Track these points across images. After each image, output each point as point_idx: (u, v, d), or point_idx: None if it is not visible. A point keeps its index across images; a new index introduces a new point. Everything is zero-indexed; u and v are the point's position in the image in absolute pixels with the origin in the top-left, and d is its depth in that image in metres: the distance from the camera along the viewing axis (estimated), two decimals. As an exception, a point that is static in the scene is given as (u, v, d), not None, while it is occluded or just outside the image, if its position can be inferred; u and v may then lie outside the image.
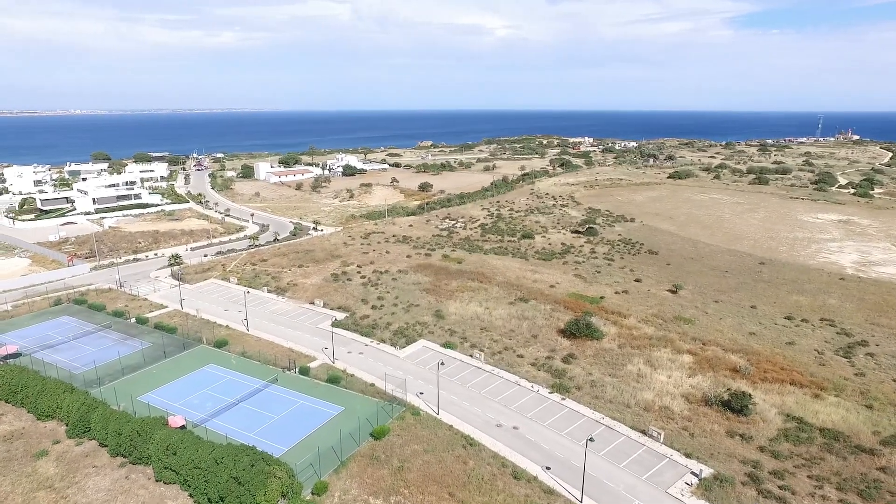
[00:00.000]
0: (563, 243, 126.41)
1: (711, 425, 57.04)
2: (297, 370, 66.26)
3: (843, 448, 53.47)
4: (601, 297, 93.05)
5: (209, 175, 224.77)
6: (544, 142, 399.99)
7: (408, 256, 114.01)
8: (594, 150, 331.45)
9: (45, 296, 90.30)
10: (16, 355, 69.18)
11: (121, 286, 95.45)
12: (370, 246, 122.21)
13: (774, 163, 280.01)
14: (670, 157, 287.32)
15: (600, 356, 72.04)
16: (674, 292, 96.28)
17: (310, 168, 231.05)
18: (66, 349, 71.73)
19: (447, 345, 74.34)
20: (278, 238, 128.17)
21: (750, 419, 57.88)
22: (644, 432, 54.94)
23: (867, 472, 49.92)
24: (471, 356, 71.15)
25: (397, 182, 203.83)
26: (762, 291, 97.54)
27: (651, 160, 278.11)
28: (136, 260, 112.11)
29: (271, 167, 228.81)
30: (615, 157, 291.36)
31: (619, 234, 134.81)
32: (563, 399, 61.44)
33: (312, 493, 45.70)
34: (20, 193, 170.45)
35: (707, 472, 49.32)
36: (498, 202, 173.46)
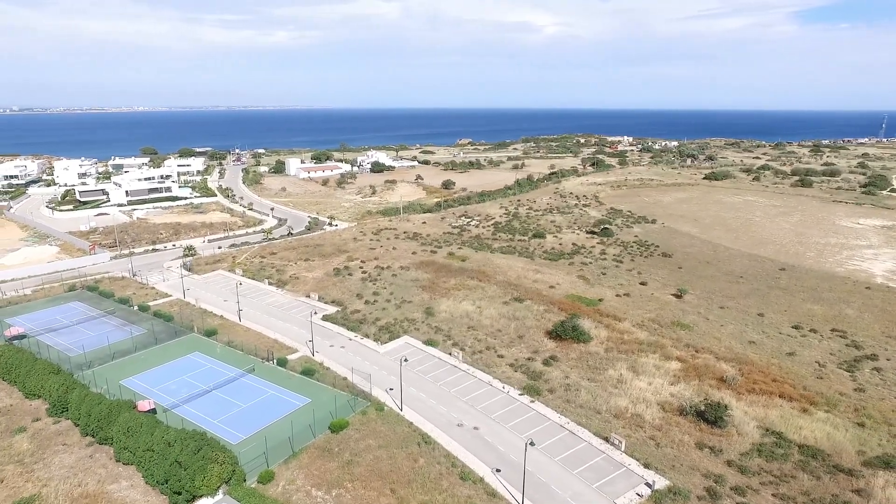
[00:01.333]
0: (574, 244, 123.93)
1: (682, 436, 54.81)
2: (274, 361, 67.70)
3: (820, 467, 50.36)
4: (600, 300, 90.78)
5: (242, 170, 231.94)
6: (581, 140, 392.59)
7: (413, 253, 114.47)
8: (632, 150, 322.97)
9: (63, 282, 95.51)
10: (22, 336, 73.60)
11: (133, 275, 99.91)
12: (379, 242, 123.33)
13: (824, 164, 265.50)
14: (710, 158, 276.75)
15: (584, 359, 70.36)
16: (678, 297, 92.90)
17: (339, 164, 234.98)
18: (67, 333, 75.75)
19: (429, 342, 74.27)
20: (292, 232, 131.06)
21: (725, 431, 55.30)
22: (606, 439, 53.37)
23: (840, 494, 46.86)
24: (449, 354, 70.86)
25: (422, 179, 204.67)
26: (775, 299, 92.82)
27: (689, 160, 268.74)
28: (154, 250, 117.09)
29: (301, 163, 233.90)
30: (652, 157, 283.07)
31: (636, 236, 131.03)
32: (532, 402, 60.37)
33: (258, 482, 46.67)
34: (65, 185, 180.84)
35: (662, 483, 47.49)
36: (519, 201, 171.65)
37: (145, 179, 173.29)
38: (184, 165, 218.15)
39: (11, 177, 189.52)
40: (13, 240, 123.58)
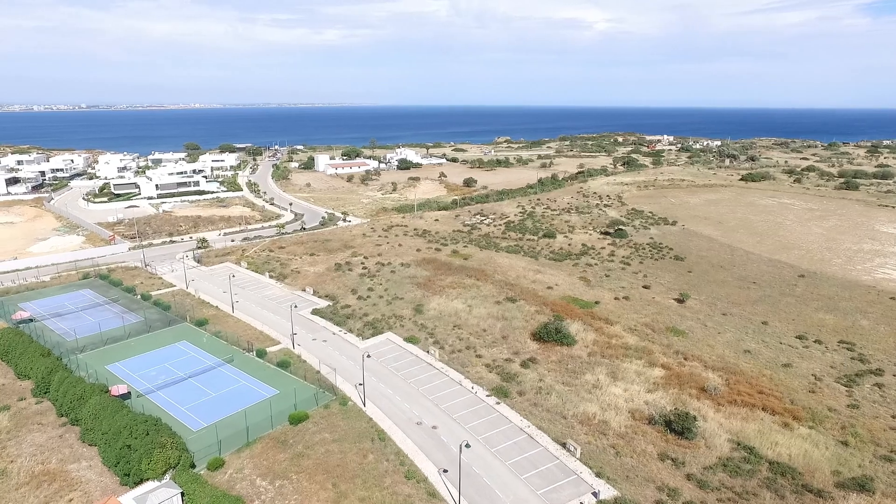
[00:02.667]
0: (583, 244, 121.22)
1: (646, 445, 52.87)
2: (254, 352, 69.23)
3: (788, 485, 47.60)
4: (596, 302, 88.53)
5: (273, 165, 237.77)
6: (619, 139, 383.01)
7: (417, 250, 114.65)
8: (669, 149, 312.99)
9: (79, 270, 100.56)
10: (29, 320, 77.99)
11: (145, 265, 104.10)
12: (387, 238, 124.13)
13: (878, 166, 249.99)
14: (752, 158, 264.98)
15: (563, 363, 68.84)
16: (680, 302, 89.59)
17: (366, 161, 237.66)
18: (72, 318, 79.74)
19: (410, 339, 74.29)
20: (305, 227, 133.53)
21: (692, 443, 53.02)
22: (564, 445, 52.05)
23: (801, 516, 44.19)
24: (427, 352, 70.67)
25: (445, 177, 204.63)
26: (785, 307, 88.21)
27: (727, 160, 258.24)
28: (171, 242, 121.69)
29: (330, 159, 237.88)
30: (689, 157, 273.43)
31: (651, 238, 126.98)
32: (498, 403, 59.50)
33: (207, 468, 47.89)
34: (104, 178, 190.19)
35: (610, 494, 45.97)
36: (538, 200, 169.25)
37: (178, 174, 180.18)
38: (218, 161, 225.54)
39: (57, 170, 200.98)
40: (47, 229, 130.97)
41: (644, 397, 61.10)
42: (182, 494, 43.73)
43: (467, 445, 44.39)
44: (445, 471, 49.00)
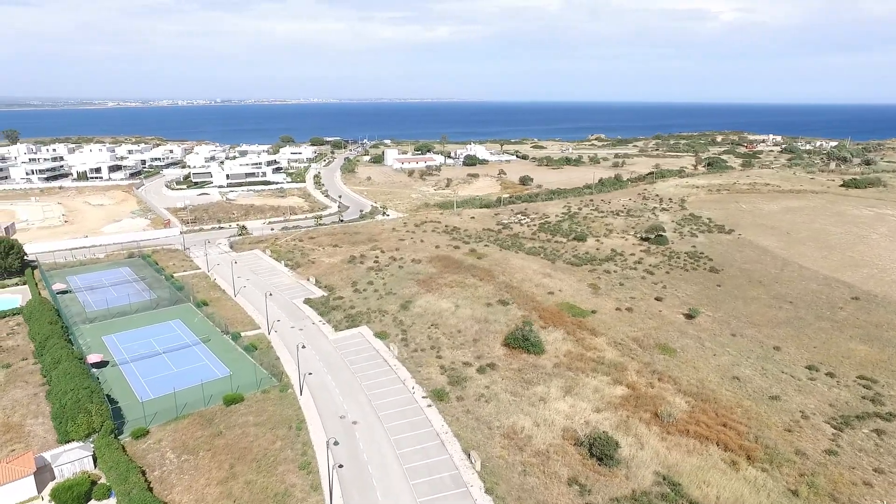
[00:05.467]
0: (613, 249, 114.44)
1: (560, 467, 49.63)
2: (230, 335, 73.73)
3: (697, 531, 42.57)
4: (592, 311, 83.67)
5: (345, 159, 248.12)
6: (719, 138, 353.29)
7: (436, 247, 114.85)
8: (771, 150, 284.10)
9: (127, 250, 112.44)
10: (65, 292, 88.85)
11: (185, 248, 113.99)
12: (413, 234, 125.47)
13: None
14: (867, 162, 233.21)
15: (523, 371, 66.21)
16: (689, 317, 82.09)
17: (433, 157, 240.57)
18: (100, 292, 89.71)
19: (379, 334, 75.11)
20: (343, 219, 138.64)
21: (612, 471, 48.95)
22: (468, 456, 50.35)
23: (693, 566, 39.41)
24: (388, 348, 71.13)
25: (504, 174, 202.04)
26: (813, 332, 77.74)
27: (834, 164, 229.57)
28: (220, 228, 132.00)
29: (402, 154, 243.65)
30: (789, 159, 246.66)
31: (693, 246, 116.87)
32: (429, 406, 58.66)
33: (131, 436, 52.27)
34: (192, 167, 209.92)
35: (489, 511, 43.89)
36: (591, 201, 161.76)
37: (249, 165, 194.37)
38: (296, 153, 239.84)
39: (156, 159, 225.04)
40: (125, 212, 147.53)
41: (587, 416, 57.22)
42: (94, 457, 48.17)
43: (336, 443, 44.50)
44: (341, 466, 49.33)
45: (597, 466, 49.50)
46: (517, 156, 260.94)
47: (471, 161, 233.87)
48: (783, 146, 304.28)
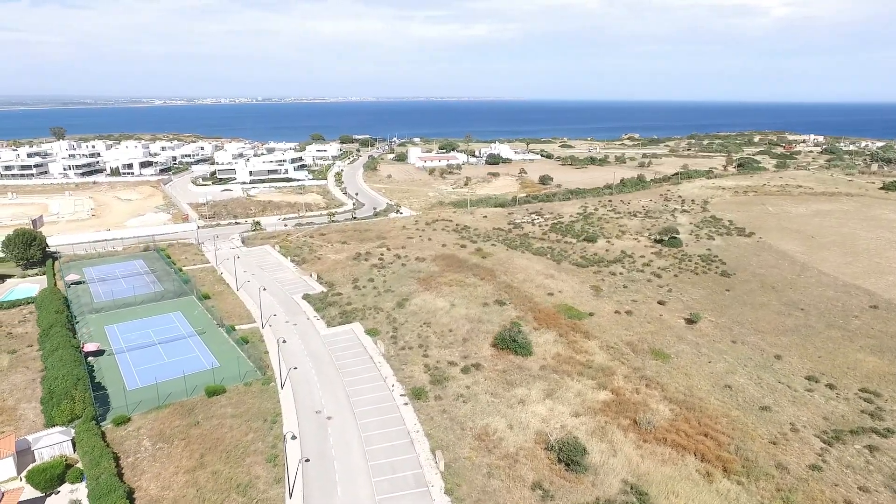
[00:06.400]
0: (623, 251, 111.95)
1: (527, 471, 48.92)
2: (224, 328, 75.40)
3: (656, 543, 41.28)
4: (590, 314, 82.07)
5: (369, 157, 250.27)
6: (756, 139, 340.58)
7: (443, 245, 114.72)
8: (811, 151, 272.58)
9: (143, 243, 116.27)
10: (79, 282, 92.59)
11: (199, 243, 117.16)
12: (423, 232, 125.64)
13: None
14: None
15: (507, 373, 65.53)
16: (691, 322, 79.65)
17: (456, 155, 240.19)
18: (111, 283, 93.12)
19: (370, 331, 75.53)
20: (356, 216, 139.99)
21: (579, 477, 47.95)
22: (435, 455, 50.13)
23: (645, 579, 38.23)
24: (375, 345, 71.47)
25: (525, 173, 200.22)
26: (820, 341, 74.30)
27: (876, 165, 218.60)
28: (236, 223, 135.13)
29: (426, 152, 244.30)
30: (828, 160, 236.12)
31: (708, 249, 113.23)
32: (406, 405, 58.70)
33: (112, 423, 54.07)
34: (219, 164, 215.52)
35: (444, 512, 43.59)
36: (610, 201, 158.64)
37: (272, 161, 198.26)
38: (321, 151, 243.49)
39: (186, 156, 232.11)
40: (149, 207, 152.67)
41: (564, 420, 56.18)
42: (74, 442, 50.07)
43: (293, 437, 44.92)
44: (307, 460, 49.99)
45: (563, 472, 48.55)
46: (542, 155, 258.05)
47: (494, 160, 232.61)
48: (824, 146, 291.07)
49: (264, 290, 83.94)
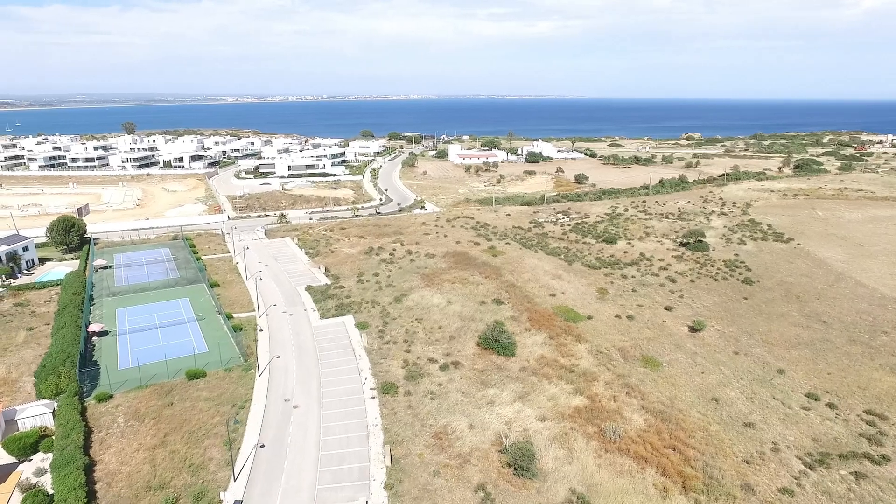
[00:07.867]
0: (642, 253, 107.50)
1: (475, 473, 48.02)
2: (222, 316, 78.26)
3: (588, 556, 39.53)
4: (588, 317, 79.44)
5: (410, 153, 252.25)
6: (825, 139, 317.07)
7: (457, 242, 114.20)
8: (886, 152, 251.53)
9: (174, 232, 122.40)
10: (107, 267, 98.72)
11: (223, 234, 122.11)
12: (442, 229, 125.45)
13: None
14: None
15: (485, 372, 64.58)
16: (694, 330, 75.57)
17: (495, 153, 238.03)
18: (135, 268, 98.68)
19: (360, 325, 76.28)
20: (379, 212, 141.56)
21: (526, 483, 46.65)
22: (382, 451, 50.10)
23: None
24: (360, 338, 72.13)
25: (562, 172, 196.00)
26: (835, 357, 68.64)
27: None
28: (265, 216, 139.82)
29: (467, 150, 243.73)
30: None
31: (736, 255, 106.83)
32: (373, 398, 58.97)
33: (95, 399, 57.38)
34: (263, 158, 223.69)
35: (377, 507, 43.49)
36: (644, 202, 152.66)
37: (314, 157, 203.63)
38: (363, 147, 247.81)
39: (234, 150, 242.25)
40: (190, 199, 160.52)
41: (528, 424, 54.73)
42: (54, 414, 53.55)
43: (236, 421, 46.01)
44: (262, 446, 51.19)
45: (511, 476, 47.35)
46: (586, 154, 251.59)
47: (533, 158, 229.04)
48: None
49: (261, 280, 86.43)
